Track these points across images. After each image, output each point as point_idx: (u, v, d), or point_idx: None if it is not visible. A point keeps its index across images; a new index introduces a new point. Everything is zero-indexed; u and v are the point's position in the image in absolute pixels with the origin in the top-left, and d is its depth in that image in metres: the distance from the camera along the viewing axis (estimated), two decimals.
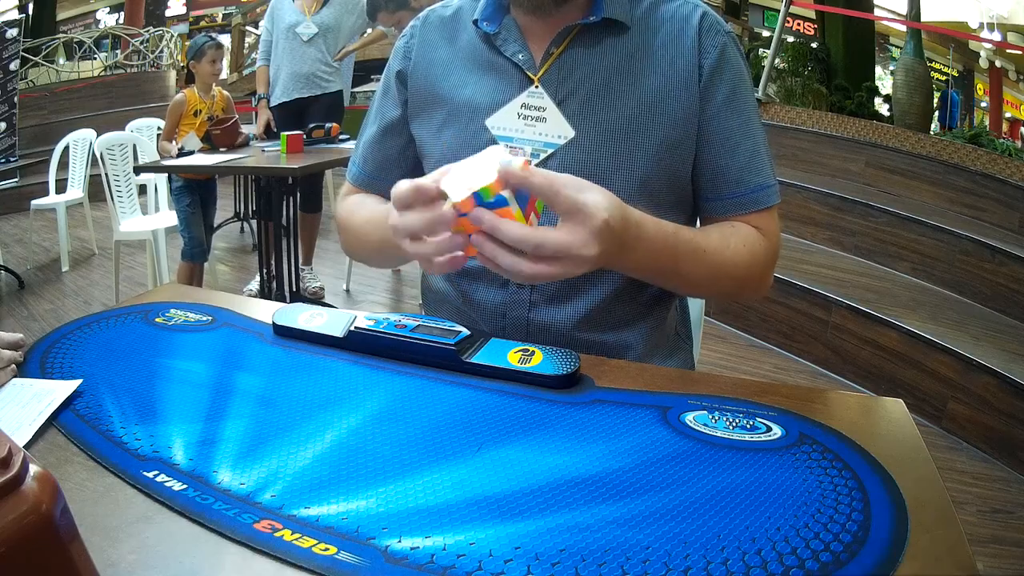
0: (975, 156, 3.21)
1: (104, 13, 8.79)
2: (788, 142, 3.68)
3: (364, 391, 0.64)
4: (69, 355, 0.71)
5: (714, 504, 0.48)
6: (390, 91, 0.91)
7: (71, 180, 4.08)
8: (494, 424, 0.58)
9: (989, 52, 5.28)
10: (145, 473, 0.52)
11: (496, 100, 0.81)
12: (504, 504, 0.48)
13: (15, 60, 4.63)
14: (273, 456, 0.54)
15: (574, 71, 0.80)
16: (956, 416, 2.23)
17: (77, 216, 4.22)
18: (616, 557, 0.43)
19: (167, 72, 7.63)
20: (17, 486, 0.31)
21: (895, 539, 0.44)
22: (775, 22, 4.08)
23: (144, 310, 0.83)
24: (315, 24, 3.14)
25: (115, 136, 3.16)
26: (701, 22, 0.79)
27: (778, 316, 2.79)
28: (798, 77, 5.01)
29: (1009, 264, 2.61)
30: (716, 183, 0.81)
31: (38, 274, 3.82)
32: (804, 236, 3.31)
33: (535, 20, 0.81)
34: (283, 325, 0.76)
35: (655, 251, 0.69)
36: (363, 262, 0.98)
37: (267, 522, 0.46)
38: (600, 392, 0.64)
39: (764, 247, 0.79)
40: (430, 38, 0.88)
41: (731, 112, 0.79)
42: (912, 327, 2.37)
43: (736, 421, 0.58)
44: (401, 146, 0.91)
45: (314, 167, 2.53)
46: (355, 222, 0.90)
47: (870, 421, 0.61)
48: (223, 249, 4.22)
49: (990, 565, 1.64)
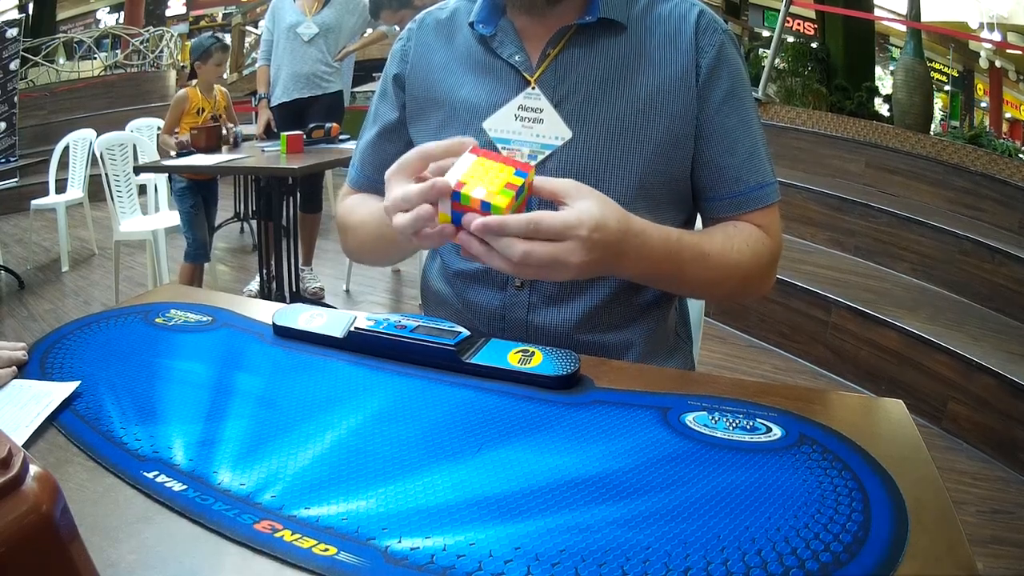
0: (975, 156, 3.21)
1: (104, 13, 8.79)
2: (788, 142, 3.68)
3: (364, 392, 0.64)
4: (69, 355, 0.71)
5: (714, 504, 0.48)
6: (387, 94, 0.91)
7: (71, 180, 4.08)
8: (494, 425, 0.58)
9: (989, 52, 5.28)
10: (145, 473, 0.52)
11: (493, 102, 0.81)
12: (504, 504, 0.48)
13: (15, 60, 4.62)
14: (273, 457, 0.54)
15: (571, 72, 0.80)
16: (956, 416, 2.23)
17: (77, 216, 4.22)
18: (616, 557, 0.43)
19: (167, 72, 7.63)
20: (17, 486, 0.31)
21: (895, 539, 0.44)
22: (775, 22, 4.08)
23: (144, 310, 0.83)
24: (316, 24, 3.14)
25: (115, 136, 3.16)
26: (698, 21, 0.79)
27: (778, 316, 2.79)
28: (798, 77, 5.02)
29: (1009, 264, 2.61)
30: (715, 182, 0.81)
31: (38, 274, 3.82)
32: (804, 236, 3.31)
33: (531, 21, 0.81)
34: (283, 326, 0.76)
35: (658, 259, 0.70)
36: (361, 260, 0.98)
37: (267, 522, 0.46)
38: (600, 393, 0.64)
39: (767, 246, 0.79)
40: (427, 41, 0.88)
41: (729, 110, 0.79)
42: (912, 327, 2.37)
43: (736, 422, 0.58)
44: (399, 148, 0.91)
45: (314, 167, 2.53)
46: (353, 220, 0.91)
47: (870, 421, 0.61)
48: (223, 249, 4.22)
49: (990, 565, 1.64)
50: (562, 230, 0.60)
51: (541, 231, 0.59)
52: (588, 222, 0.60)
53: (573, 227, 0.60)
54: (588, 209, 0.61)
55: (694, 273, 0.74)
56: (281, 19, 3.17)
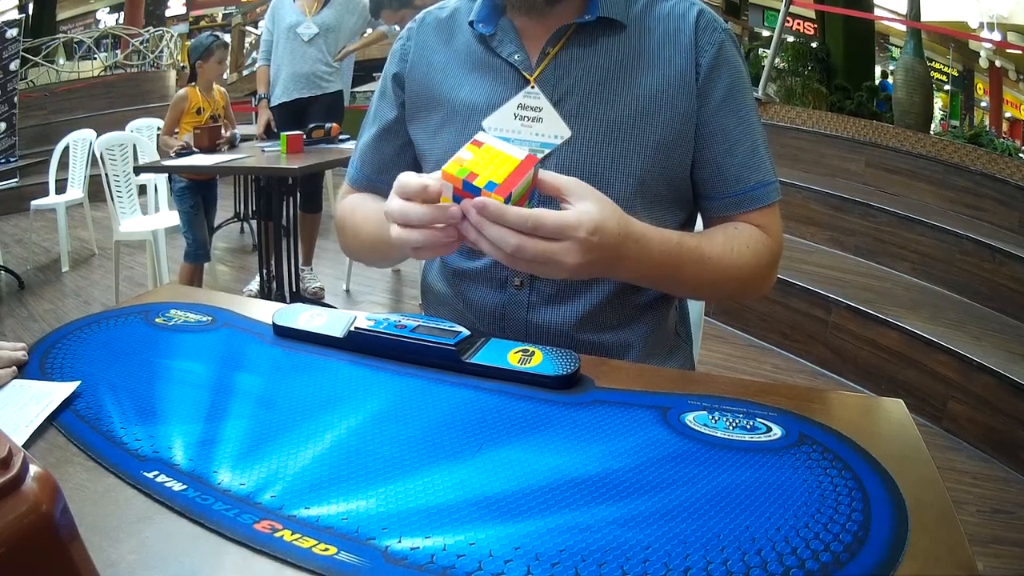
0: (975, 156, 3.21)
1: (104, 13, 8.79)
2: (788, 142, 3.68)
3: (364, 391, 0.64)
4: (69, 356, 0.71)
5: (714, 504, 0.48)
6: (387, 94, 0.91)
7: (71, 180, 4.08)
8: (494, 424, 0.58)
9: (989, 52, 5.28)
10: (145, 473, 0.52)
11: (493, 101, 0.81)
12: (504, 504, 0.48)
13: (15, 60, 4.63)
14: (273, 456, 0.54)
15: (570, 71, 0.80)
16: (956, 416, 2.23)
17: (77, 216, 4.22)
18: (616, 557, 0.43)
19: (167, 72, 7.63)
20: (17, 486, 0.31)
21: (895, 539, 0.44)
22: (775, 22, 4.08)
23: (144, 310, 0.83)
24: (316, 24, 3.14)
25: (115, 136, 3.16)
26: (698, 20, 0.79)
27: (778, 316, 2.79)
28: (798, 77, 5.02)
29: (1009, 264, 2.61)
30: (715, 181, 0.80)
31: (38, 274, 3.82)
32: (804, 236, 3.31)
33: (530, 20, 0.81)
34: (283, 325, 0.76)
35: (657, 263, 0.70)
36: (358, 259, 0.98)
37: (267, 522, 0.46)
38: (600, 392, 0.64)
39: (767, 246, 0.79)
40: (426, 40, 0.89)
41: (729, 110, 0.79)
42: (912, 327, 2.37)
43: (736, 421, 0.58)
44: (398, 148, 0.92)
45: (314, 167, 2.53)
46: (352, 220, 0.91)
47: (870, 421, 0.61)
48: (223, 249, 4.22)
49: (990, 565, 1.64)
50: (560, 230, 0.60)
51: (540, 229, 0.59)
52: (587, 224, 0.60)
53: (572, 228, 0.60)
54: (588, 211, 0.61)
55: (694, 276, 0.74)
56: (281, 19, 3.17)
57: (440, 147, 0.84)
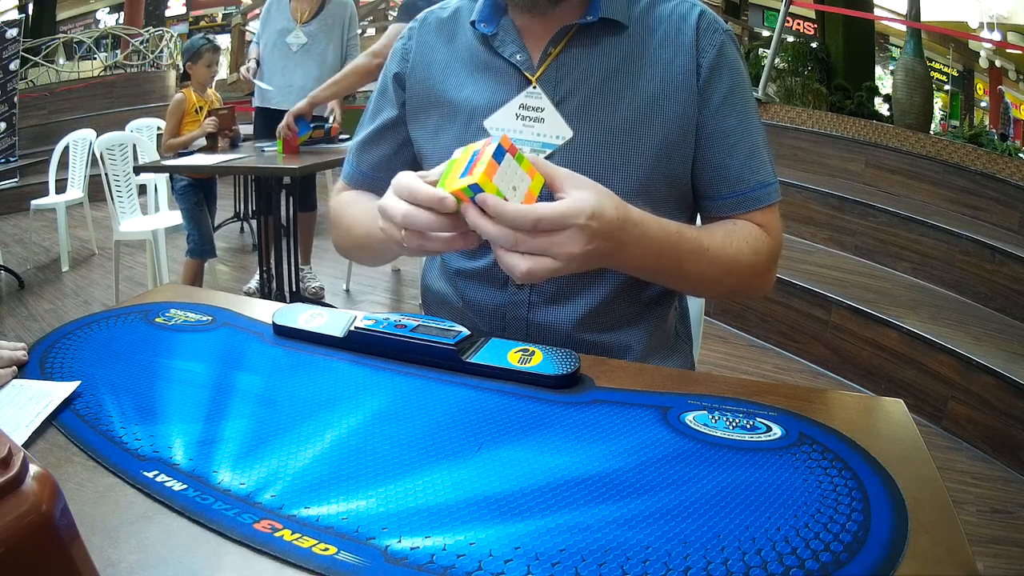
0: (975, 156, 3.21)
1: (104, 13, 8.80)
2: (788, 142, 3.68)
3: (364, 391, 0.64)
4: (69, 355, 0.71)
5: (714, 504, 0.48)
6: (387, 92, 0.91)
7: (71, 180, 4.08)
8: (494, 424, 0.58)
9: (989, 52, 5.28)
10: (145, 473, 0.52)
11: (494, 101, 0.81)
12: (504, 504, 0.48)
13: (15, 60, 4.62)
14: (273, 456, 0.54)
15: (572, 71, 0.80)
16: (956, 416, 2.23)
17: (77, 216, 4.22)
18: (616, 557, 0.43)
19: (167, 72, 7.63)
20: (17, 486, 0.31)
21: (895, 539, 0.44)
22: (775, 22, 4.08)
23: (144, 310, 0.83)
24: (305, 34, 3.10)
25: (115, 136, 3.16)
26: (699, 21, 0.79)
27: (778, 316, 2.79)
28: (798, 77, 5.01)
29: (1009, 264, 2.61)
30: (716, 182, 0.80)
31: (38, 274, 3.82)
32: (804, 236, 3.31)
33: (532, 20, 0.81)
34: (283, 325, 0.76)
35: (657, 251, 0.69)
36: (348, 256, 0.98)
37: (267, 522, 0.46)
38: (600, 392, 0.64)
39: (767, 245, 0.79)
40: (428, 40, 0.88)
41: (730, 110, 0.79)
42: (912, 327, 2.37)
43: (736, 421, 0.58)
44: (396, 146, 0.92)
45: (313, 167, 2.53)
46: (345, 218, 0.90)
47: (870, 421, 0.61)
48: (223, 249, 4.21)
49: (990, 565, 1.64)
50: (560, 220, 0.59)
51: (542, 222, 0.58)
52: (586, 210, 0.59)
53: (571, 216, 0.59)
54: (584, 198, 0.60)
55: (693, 267, 0.73)
56: (272, 21, 3.14)
57: (441, 147, 0.84)
